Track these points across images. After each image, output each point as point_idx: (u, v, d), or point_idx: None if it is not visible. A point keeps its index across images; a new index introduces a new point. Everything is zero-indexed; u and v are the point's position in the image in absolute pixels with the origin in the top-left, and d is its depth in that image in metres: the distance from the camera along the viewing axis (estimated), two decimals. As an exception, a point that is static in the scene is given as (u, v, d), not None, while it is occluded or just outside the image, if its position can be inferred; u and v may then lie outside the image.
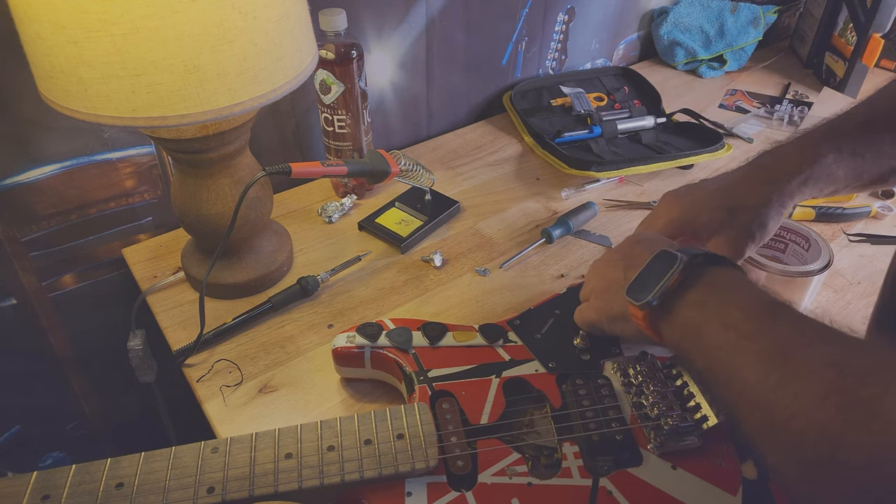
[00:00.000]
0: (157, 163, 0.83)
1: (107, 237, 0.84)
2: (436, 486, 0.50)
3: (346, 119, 0.84)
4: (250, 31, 0.53)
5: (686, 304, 0.48)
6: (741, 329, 0.43)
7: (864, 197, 0.92)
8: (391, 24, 0.93)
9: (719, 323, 0.45)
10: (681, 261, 0.49)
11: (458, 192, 0.93)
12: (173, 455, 0.49)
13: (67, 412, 0.94)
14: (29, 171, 0.74)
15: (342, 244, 0.84)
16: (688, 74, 1.28)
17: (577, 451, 0.53)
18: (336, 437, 0.51)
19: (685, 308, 0.48)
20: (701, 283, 0.48)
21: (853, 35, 1.16)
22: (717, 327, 0.45)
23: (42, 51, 0.51)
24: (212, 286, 0.74)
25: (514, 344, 0.62)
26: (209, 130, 0.62)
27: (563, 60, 1.20)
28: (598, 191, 0.95)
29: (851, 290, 0.77)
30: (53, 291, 0.83)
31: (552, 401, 0.57)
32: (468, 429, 0.54)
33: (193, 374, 0.67)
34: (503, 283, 0.78)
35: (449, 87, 1.06)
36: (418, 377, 0.58)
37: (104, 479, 0.47)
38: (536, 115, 1.08)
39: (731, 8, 1.27)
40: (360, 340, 0.61)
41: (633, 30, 1.29)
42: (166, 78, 0.51)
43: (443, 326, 0.63)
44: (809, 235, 0.75)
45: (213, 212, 0.68)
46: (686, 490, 0.51)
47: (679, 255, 0.49)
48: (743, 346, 0.43)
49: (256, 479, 0.48)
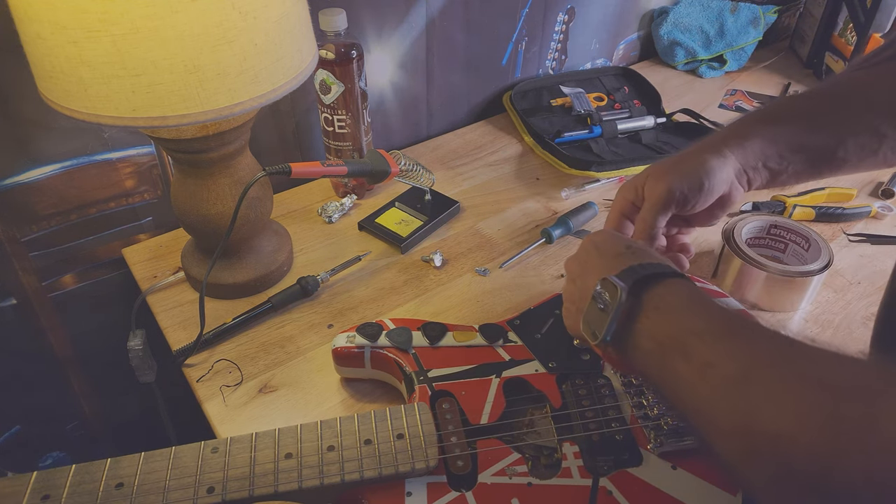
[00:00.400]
0: (157, 163, 0.83)
1: (107, 237, 0.84)
2: (436, 486, 0.50)
3: (346, 119, 0.84)
4: (250, 31, 0.53)
5: (639, 335, 0.46)
6: (702, 357, 0.41)
7: (864, 197, 0.92)
8: (391, 24, 0.93)
9: (677, 353, 0.42)
10: (622, 292, 0.46)
11: (458, 192, 0.93)
12: (173, 455, 0.49)
13: (67, 412, 0.94)
14: (29, 171, 0.74)
15: (342, 244, 0.84)
16: (688, 74, 1.28)
17: (577, 451, 0.53)
18: (336, 437, 0.51)
19: (640, 339, 0.46)
20: (648, 309, 0.46)
21: (853, 35, 1.16)
22: (677, 358, 0.42)
23: (42, 51, 0.51)
24: (212, 286, 0.74)
25: (514, 344, 0.62)
26: (209, 130, 0.62)
27: (563, 60, 1.20)
28: (598, 191, 0.95)
29: (851, 290, 0.77)
30: (53, 291, 0.83)
31: (552, 401, 0.57)
32: (468, 429, 0.54)
33: (193, 374, 0.67)
34: (503, 283, 0.78)
35: (449, 87, 1.06)
36: (418, 377, 0.58)
37: (104, 479, 0.47)
38: (536, 115, 1.08)
39: (731, 8, 1.27)
40: (360, 340, 0.61)
41: (633, 30, 1.29)
42: (166, 78, 0.51)
43: (443, 326, 0.63)
44: (809, 235, 0.75)
45: (213, 212, 0.68)
46: (686, 490, 0.51)
47: (619, 285, 0.47)
48: (707, 375, 0.40)
49: (256, 479, 0.48)
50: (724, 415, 0.38)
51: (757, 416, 0.36)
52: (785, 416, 0.35)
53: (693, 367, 0.41)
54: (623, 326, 0.46)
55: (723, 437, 0.38)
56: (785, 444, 0.34)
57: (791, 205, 0.87)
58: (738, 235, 0.74)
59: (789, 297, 0.73)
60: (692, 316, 0.44)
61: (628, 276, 0.47)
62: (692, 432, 0.46)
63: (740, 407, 0.37)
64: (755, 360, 0.39)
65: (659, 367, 0.44)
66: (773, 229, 0.77)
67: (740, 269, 0.72)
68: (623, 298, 0.46)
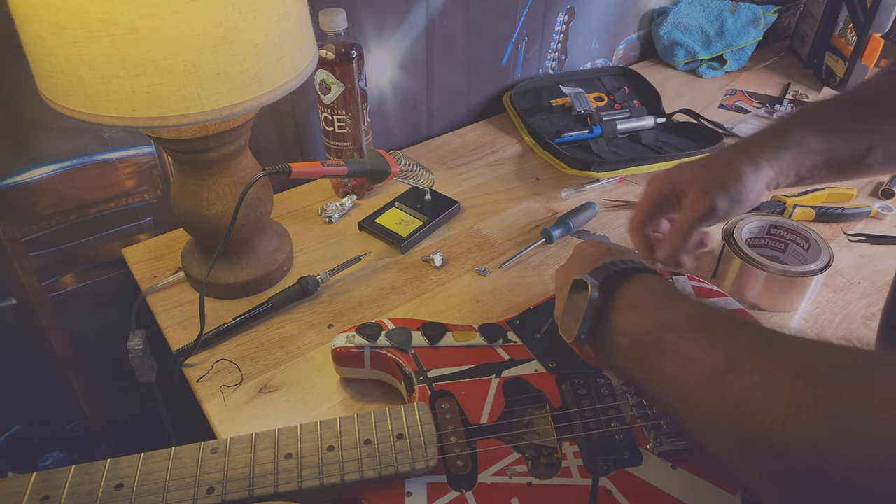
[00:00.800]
0: (157, 163, 0.83)
1: (107, 237, 0.84)
2: (436, 486, 0.50)
3: (346, 119, 0.84)
4: (250, 31, 0.53)
5: (615, 333, 0.46)
6: (682, 353, 0.41)
7: (864, 197, 0.92)
8: (391, 24, 0.93)
9: (656, 349, 0.42)
10: (593, 288, 0.46)
11: (458, 192, 0.93)
12: (173, 455, 0.49)
13: (67, 412, 0.94)
14: (29, 171, 0.75)
15: (342, 244, 0.84)
16: (688, 74, 1.28)
17: (577, 451, 0.53)
18: (336, 437, 0.51)
19: (615, 337, 0.46)
20: (621, 305, 0.46)
21: (853, 35, 1.16)
22: (656, 354, 0.42)
23: (42, 51, 0.51)
24: (212, 286, 0.74)
25: (513, 344, 0.62)
26: (209, 130, 0.62)
27: (563, 60, 1.20)
28: (598, 191, 0.95)
29: (851, 290, 0.77)
30: (53, 291, 0.83)
31: (552, 400, 0.57)
32: (468, 429, 0.54)
33: (193, 374, 0.67)
34: (503, 283, 0.78)
35: (449, 87, 1.06)
36: (418, 377, 0.58)
37: (104, 479, 0.47)
38: (536, 115, 1.08)
39: (731, 8, 1.27)
40: (360, 340, 0.61)
41: (633, 30, 1.30)
42: (166, 78, 0.51)
43: (442, 326, 0.63)
44: (809, 235, 0.75)
45: (213, 212, 0.68)
46: (686, 489, 0.51)
47: (589, 281, 0.46)
48: (689, 371, 0.40)
49: (256, 480, 0.48)
50: (712, 407, 0.38)
51: (746, 410, 0.36)
52: (776, 407, 0.34)
53: (674, 363, 0.41)
54: (597, 324, 0.46)
55: (714, 432, 0.38)
56: (779, 436, 0.34)
57: (791, 205, 0.87)
58: (738, 235, 0.74)
59: (789, 297, 0.73)
60: (668, 311, 0.44)
61: (599, 273, 0.47)
62: (683, 432, 0.45)
63: (728, 398, 0.37)
64: (738, 352, 0.38)
65: (638, 365, 0.44)
66: (773, 229, 0.77)
67: (740, 269, 0.72)
68: (595, 296, 0.46)
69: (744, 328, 0.41)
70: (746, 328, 0.41)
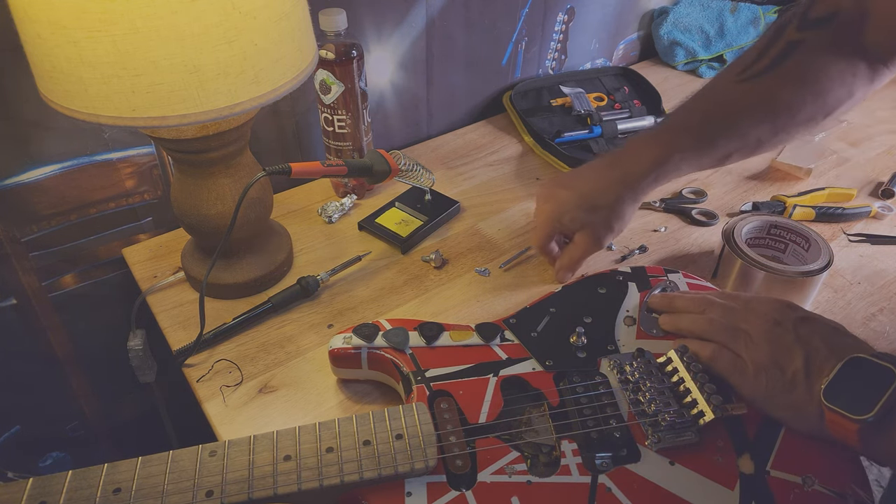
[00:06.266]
0: (157, 163, 0.83)
1: (107, 237, 0.84)
2: (435, 485, 0.50)
3: (346, 119, 0.84)
4: (250, 31, 0.53)
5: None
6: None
7: (864, 197, 0.92)
8: (391, 24, 0.93)
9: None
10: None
11: (458, 192, 0.93)
12: (171, 459, 0.49)
13: (67, 412, 0.94)
14: (29, 171, 0.75)
15: (342, 244, 0.84)
16: (688, 74, 1.28)
17: (576, 449, 0.53)
18: (335, 438, 0.51)
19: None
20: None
21: (853, 35, 1.15)
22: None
23: (42, 51, 0.51)
24: (212, 286, 0.74)
25: (510, 342, 0.62)
26: (209, 130, 0.62)
27: (562, 60, 1.21)
28: (598, 191, 0.95)
29: (851, 290, 0.77)
30: (53, 291, 0.84)
31: (550, 399, 0.57)
32: (467, 428, 0.54)
33: (193, 374, 0.67)
34: (503, 283, 0.78)
35: (449, 87, 1.06)
36: (416, 377, 0.58)
37: (101, 484, 0.47)
38: (536, 115, 1.08)
39: (731, 8, 1.28)
40: (357, 341, 0.61)
41: (633, 30, 1.30)
42: (166, 78, 0.51)
43: (439, 326, 0.63)
44: (809, 235, 0.75)
45: (213, 212, 0.68)
46: (684, 485, 0.51)
47: (892, 369, 0.46)
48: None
49: (255, 482, 0.48)
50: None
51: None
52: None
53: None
54: (890, 409, 0.45)
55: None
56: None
57: (791, 205, 0.87)
58: (738, 236, 0.74)
59: (789, 297, 0.72)
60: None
61: (888, 359, 0.47)
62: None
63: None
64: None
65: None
66: (773, 229, 0.77)
67: (740, 270, 0.72)
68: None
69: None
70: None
